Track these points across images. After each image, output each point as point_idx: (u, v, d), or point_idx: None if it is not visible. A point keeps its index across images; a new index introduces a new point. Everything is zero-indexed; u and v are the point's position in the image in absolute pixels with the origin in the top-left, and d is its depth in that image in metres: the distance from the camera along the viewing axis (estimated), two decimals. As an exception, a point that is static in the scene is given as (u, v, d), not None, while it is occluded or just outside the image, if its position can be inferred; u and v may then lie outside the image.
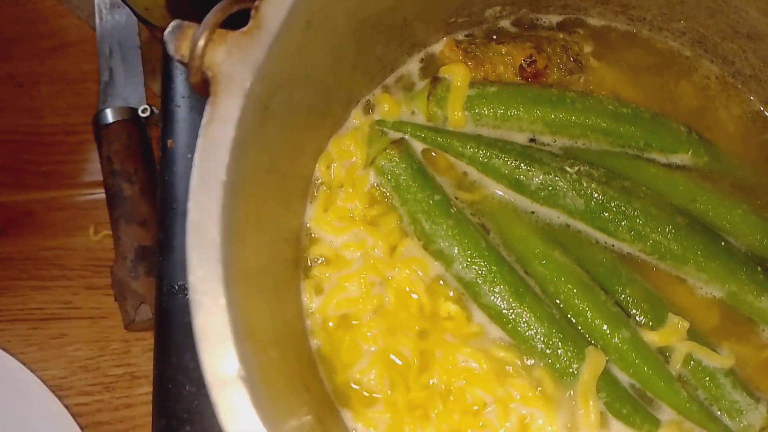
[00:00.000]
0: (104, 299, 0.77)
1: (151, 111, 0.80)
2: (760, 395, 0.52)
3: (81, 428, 0.71)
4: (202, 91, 0.39)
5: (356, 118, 0.56)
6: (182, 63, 0.39)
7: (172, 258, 0.69)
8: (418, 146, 0.56)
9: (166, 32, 0.39)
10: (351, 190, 0.54)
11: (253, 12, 0.39)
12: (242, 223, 0.41)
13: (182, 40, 0.39)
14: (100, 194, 0.80)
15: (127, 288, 0.75)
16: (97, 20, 0.83)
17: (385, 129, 0.56)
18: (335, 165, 0.55)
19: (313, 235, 0.54)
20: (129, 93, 0.82)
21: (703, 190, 0.55)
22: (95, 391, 0.76)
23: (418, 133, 0.55)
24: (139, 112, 0.79)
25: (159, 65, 0.80)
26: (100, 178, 0.80)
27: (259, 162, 0.43)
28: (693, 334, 0.52)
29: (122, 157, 0.78)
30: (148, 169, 0.79)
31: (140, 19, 0.73)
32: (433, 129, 0.56)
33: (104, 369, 0.76)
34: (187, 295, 0.67)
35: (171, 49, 0.39)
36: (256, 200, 0.44)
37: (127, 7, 0.72)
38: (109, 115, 0.78)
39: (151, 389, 0.74)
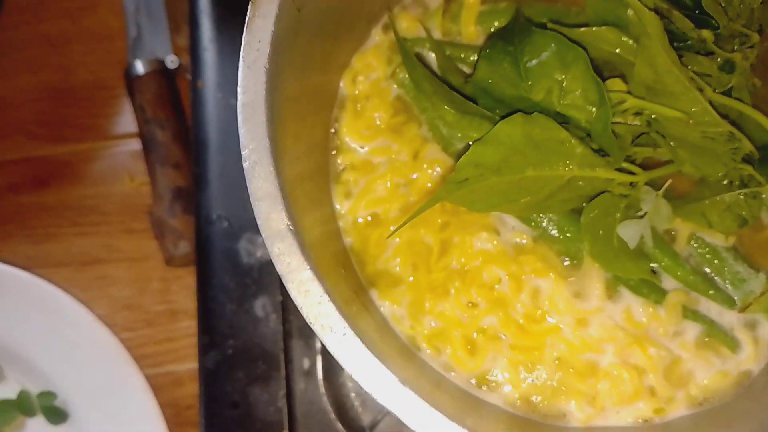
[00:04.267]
0: (142, 242, 0.82)
1: (179, 62, 0.84)
2: (759, 268, 0.56)
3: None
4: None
5: (377, 35, 0.60)
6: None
7: (208, 192, 0.75)
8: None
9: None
10: (376, 101, 0.58)
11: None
12: (283, 114, 0.45)
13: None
14: (133, 145, 0.85)
15: (166, 226, 0.80)
16: (121, -22, 0.88)
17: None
18: (361, 78, 0.59)
19: (342, 143, 0.59)
20: (156, 46, 0.86)
21: None
22: (138, 327, 0.81)
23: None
24: (167, 63, 0.84)
25: (183, 20, 0.85)
26: (132, 129, 0.85)
27: (295, 62, 0.47)
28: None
29: (154, 106, 0.83)
30: (178, 116, 0.83)
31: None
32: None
33: (146, 306, 0.81)
34: (224, 223, 0.73)
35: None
36: (293, 103, 0.49)
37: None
38: (140, 67, 0.83)
39: (190, 323, 0.79)
